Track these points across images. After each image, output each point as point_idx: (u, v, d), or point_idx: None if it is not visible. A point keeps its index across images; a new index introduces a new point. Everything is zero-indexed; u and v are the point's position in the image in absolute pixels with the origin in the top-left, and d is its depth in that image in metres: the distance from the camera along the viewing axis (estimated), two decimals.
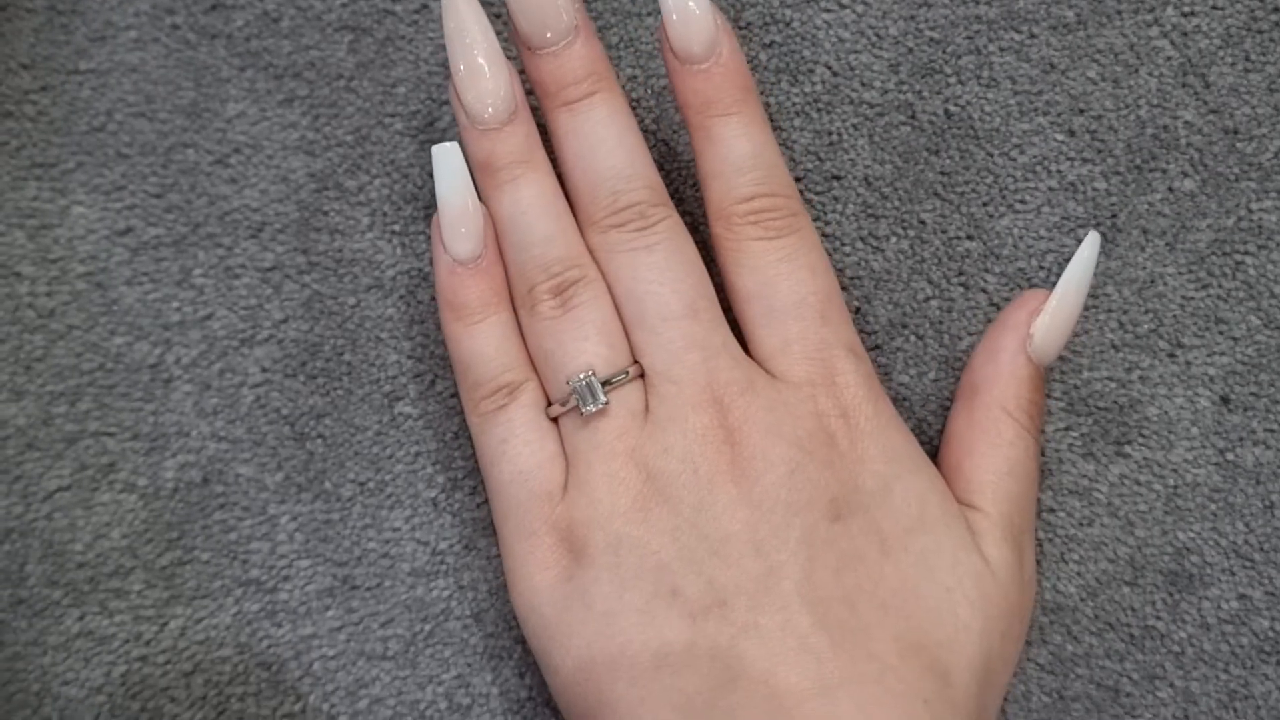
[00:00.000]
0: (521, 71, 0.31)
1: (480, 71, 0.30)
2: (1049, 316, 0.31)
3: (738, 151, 0.30)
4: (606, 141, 0.30)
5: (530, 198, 0.30)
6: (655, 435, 0.29)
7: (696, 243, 0.31)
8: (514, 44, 0.30)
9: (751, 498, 0.28)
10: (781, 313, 0.29)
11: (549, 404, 0.30)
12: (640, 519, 0.28)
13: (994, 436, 0.31)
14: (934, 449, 0.33)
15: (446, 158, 0.30)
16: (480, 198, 0.30)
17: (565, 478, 0.29)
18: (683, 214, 0.31)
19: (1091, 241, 0.31)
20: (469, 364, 0.30)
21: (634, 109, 0.32)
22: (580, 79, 0.30)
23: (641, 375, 0.29)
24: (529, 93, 0.32)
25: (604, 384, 0.29)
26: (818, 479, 0.28)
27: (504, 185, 0.30)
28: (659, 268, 0.29)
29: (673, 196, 0.31)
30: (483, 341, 0.30)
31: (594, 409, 0.29)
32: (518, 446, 0.30)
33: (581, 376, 0.29)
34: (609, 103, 0.30)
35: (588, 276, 0.30)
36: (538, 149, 0.30)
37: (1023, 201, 0.33)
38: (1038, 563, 0.33)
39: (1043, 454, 0.33)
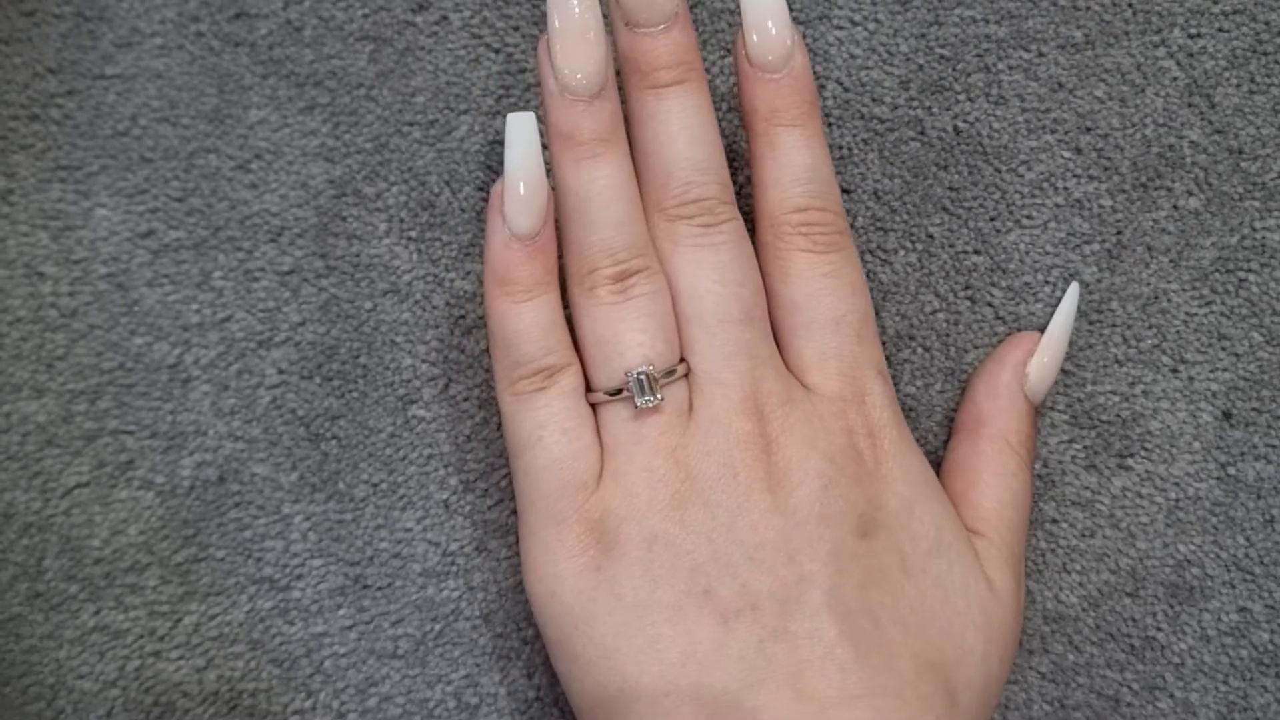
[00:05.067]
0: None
1: (580, 36, 0.29)
2: (1041, 357, 0.32)
3: (797, 162, 0.30)
4: (687, 131, 0.30)
5: (606, 178, 0.29)
6: (698, 436, 0.29)
7: None
8: (611, 19, 0.30)
9: (786, 507, 0.28)
10: (821, 327, 0.30)
11: (588, 389, 0.30)
12: (677, 517, 0.28)
13: (999, 467, 0.31)
14: (938, 459, 0.33)
15: (522, 127, 0.29)
16: (550, 167, 0.30)
17: (600, 467, 0.29)
18: None
19: (1073, 292, 0.33)
20: (511, 342, 0.30)
21: None
22: (673, 64, 0.29)
23: (687, 374, 0.29)
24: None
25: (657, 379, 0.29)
26: (848, 494, 0.29)
27: (583, 161, 0.29)
28: (723, 268, 0.29)
29: None
30: (529, 321, 0.29)
31: (649, 404, 0.29)
32: (554, 434, 0.29)
33: (639, 370, 0.29)
34: (696, 94, 0.30)
35: (651, 268, 0.30)
36: (620, 129, 0.30)
37: (1029, 217, 0.34)
38: (1040, 572, 0.33)
39: (1046, 465, 0.33)
